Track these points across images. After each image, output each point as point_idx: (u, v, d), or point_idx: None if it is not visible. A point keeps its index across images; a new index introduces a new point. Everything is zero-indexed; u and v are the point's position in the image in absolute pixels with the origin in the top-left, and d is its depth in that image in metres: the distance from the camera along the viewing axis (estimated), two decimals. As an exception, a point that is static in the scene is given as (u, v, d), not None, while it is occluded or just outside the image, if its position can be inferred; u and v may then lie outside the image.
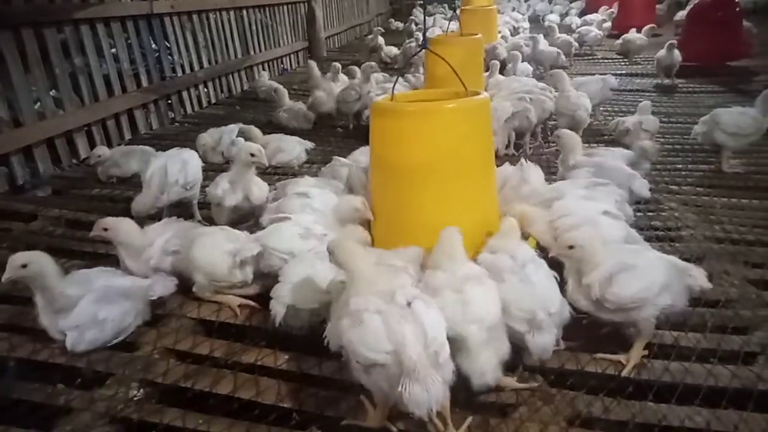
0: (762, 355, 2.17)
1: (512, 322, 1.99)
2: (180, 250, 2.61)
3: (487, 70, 5.82)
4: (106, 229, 2.59)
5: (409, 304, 1.75)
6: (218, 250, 2.52)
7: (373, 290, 1.79)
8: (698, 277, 2.11)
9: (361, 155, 3.60)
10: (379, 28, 7.88)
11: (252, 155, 3.13)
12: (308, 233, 2.55)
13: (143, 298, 2.43)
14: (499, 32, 9.30)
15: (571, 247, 2.10)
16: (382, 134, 2.49)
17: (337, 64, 6.17)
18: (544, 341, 2.00)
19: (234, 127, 4.78)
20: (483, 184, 2.53)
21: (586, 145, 3.99)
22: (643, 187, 3.15)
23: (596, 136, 5.04)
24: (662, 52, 6.72)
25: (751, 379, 2.03)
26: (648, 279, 2.05)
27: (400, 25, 13.27)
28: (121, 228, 2.61)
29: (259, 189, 3.18)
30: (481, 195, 2.52)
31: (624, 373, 2.08)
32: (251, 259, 2.52)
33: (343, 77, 6.07)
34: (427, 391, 1.55)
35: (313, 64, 6.16)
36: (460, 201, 2.41)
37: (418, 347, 1.62)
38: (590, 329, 2.27)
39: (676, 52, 6.62)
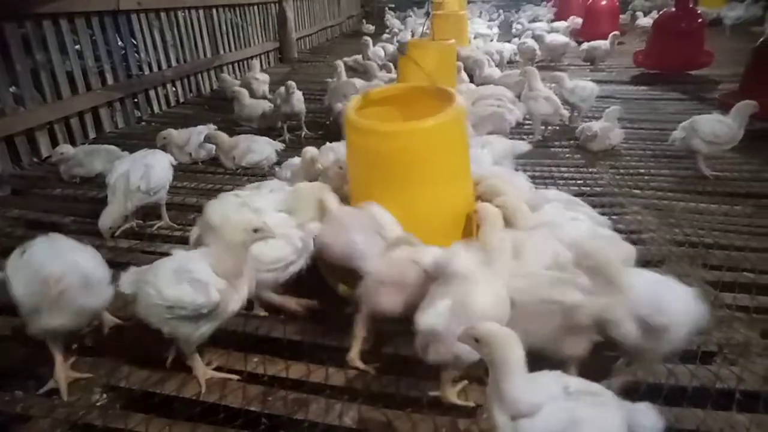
0: (719, 355, 2.25)
1: None
2: None
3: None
4: None
5: None
6: None
7: None
8: None
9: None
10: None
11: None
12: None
13: None
14: (474, 37, 9.41)
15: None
16: (360, 152, 2.54)
17: (340, 62, 6.03)
18: None
19: (203, 129, 4.69)
20: (461, 183, 2.64)
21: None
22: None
23: (563, 138, 5.16)
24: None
25: (709, 378, 2.11)
26: None
27: (371, 27, 13.27)
28: None
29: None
30: (458, 193, 2.62)
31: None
32: None
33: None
34: None
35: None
36: (440, 202, 2.49)
37: None
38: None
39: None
